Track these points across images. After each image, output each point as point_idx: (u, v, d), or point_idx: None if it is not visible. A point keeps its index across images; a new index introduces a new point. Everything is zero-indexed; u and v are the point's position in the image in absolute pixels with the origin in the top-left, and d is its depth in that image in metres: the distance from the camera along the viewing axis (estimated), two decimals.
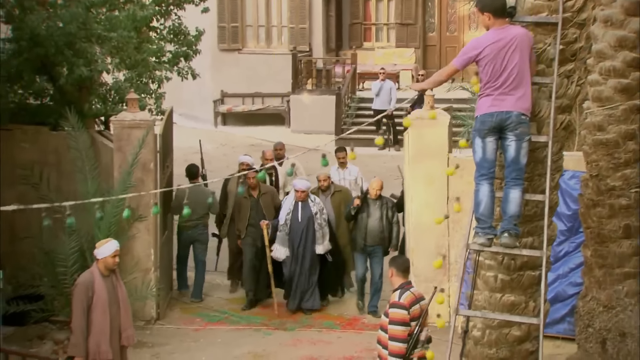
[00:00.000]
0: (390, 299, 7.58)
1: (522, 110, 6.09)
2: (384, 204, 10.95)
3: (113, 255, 7.94)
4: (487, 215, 6.11)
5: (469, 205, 10.58)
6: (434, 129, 10.75)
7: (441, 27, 25.41)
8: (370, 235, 10.89)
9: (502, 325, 6.53)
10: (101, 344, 7.76)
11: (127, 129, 10.82)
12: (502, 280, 6.45)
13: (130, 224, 10.62)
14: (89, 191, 10.44)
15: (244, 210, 11.42)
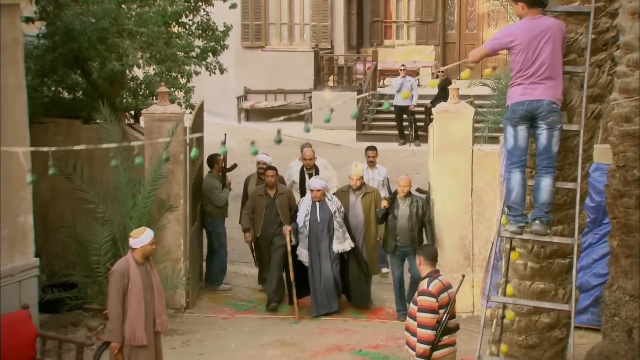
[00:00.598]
0: (419, 286, 7.54)
1: (553, 99, 6.00)
2: (413, 202, 10.36)
3: (151, 243, 7.96)
4: (518, 203, 6.03)
5: (491, 198, 10.68)
6: (458, 121, 10.68)
7: (460, 25, 25.24)
8: (401, 235, 10.31)
9: (532, 313, 6.45)
10: (136, 329, 7.75)
11: (157, 122, 10.81)
12: (532, 268, 6.37)
13: (161, 214, 10.61)
14: (121, 182, 10.44)
15: (259, 209, 11.00)
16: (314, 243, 10.51)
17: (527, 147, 6.10)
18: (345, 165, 19.47)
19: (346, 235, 10.56)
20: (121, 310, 7.71)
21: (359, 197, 10.83)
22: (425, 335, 7.30)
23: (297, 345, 10.01)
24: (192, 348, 10.00)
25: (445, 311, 7.40)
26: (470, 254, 10.81)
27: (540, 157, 6.00)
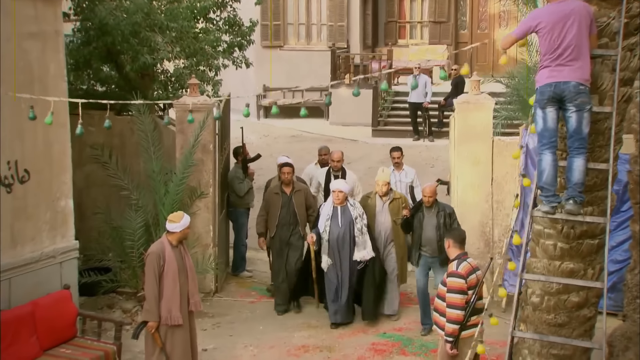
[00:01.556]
0: (448, 268, 7.51)
1: (580, 80, 5.92)
2: (440, 211, 9.42)
3: (188, 227, 7.99)
4: (550, 183, 5.97)
5: (511, 186, 10.61)
6: (479, 112, 10.63)
7: (472, 25, 25.16)
8: (427, 246, 9.42)
9: (561, 292, 6.38)
10: (172, 309, 7.77)
11: (188, 112, 10.74)
12: (562, 249, 6.30)
13: (192, 201, 10.60)
14: (154, 170, 10.44)
15: (275, 207, 10.26)
16: (334, 249, 9.70)
17: (557, 128, 6.02)
18: (362, 160, 19.56)
19: (367, 244, 9.70)
20: (157, 291, 7.73)
21: (386, 204, 9.93)
22: (455, 315, 7.30)
23: (323, 328, 10.00)
24: (222, 330, 10.00)
25: (473, 292, 7.39)
26: (490, 240, 10.76)
27: (572, 139, 5.93)
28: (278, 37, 24.72)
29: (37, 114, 7.79)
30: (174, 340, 7.83)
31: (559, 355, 6.52)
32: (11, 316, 7.85)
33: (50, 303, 8.19)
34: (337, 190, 9.67)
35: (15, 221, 8.22)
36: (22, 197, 8.29)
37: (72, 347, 8.19)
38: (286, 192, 10.28)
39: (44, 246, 8.55)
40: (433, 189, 9.45)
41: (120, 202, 11.08)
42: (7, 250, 8.13)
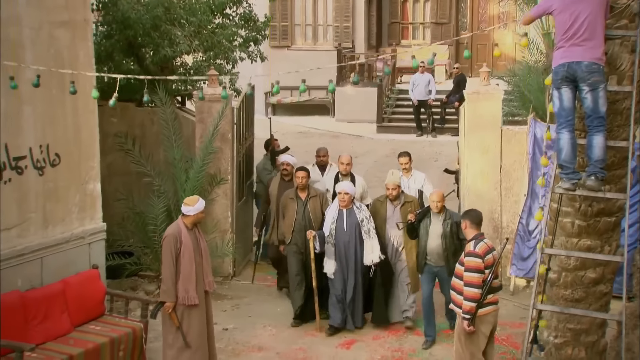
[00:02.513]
0: (465, 248, 7.47)
1: (592, 59, 5.87)
2: (447, 218, 8.63)
3: (202, 211, 7.94)
4: (569, 161, 5.93)
5: (519, 174, 10.59)
6: (488, 102, 10.61)
7: (473, 26, 25.16)
8: (431, 255, 8.68)
9: (578, 268, 6.36)
10: (189, 289, 7.76)
11: (207, 103, 10.79)
12: (579, 226, 6.29)
13: (212, 188, 10.58)
14: (175, 157, 10.42)
15: (290, 213, 9.43)
16: (340, 253, 9.02)
17: (573, 107, 5.98)
18: (368, 154, 19.55)
19: (375, 247, 8.98)
20: (174, 272, 7.71)
21: (397, 208, 9.18)
22: (472, 293, 7.26)
23: None
24: (241, 311, 9.99)
25: (490, 271, 7.35)
26: (499, 226, 10.74)
27: (590, 118, 5.89)
28: (286, 38, 24.75)
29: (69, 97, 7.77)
30: (191, 319, 7.82)
31: (575, 330, 6.50)
32: (43, 293, 7.85)
33: (80, 281, 8.18)
34: (343, 191, 9.03)
35: (46, 203, 8.22)
36: (53, 180, 8.28)
37: (100, 324, 8.18)
38: (301, 198, 9.47)
39: (73, 227, 8.54)
40: (441, 194, 8.77)
41: (140, 190, 11.08)
42: (39, 231, 8.13)
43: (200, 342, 7.87)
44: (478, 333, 7.41)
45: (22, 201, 7.91)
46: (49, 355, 7.36)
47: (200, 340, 7.87)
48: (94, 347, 7.66)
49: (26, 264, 7.93)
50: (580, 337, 6.51)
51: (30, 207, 8.02)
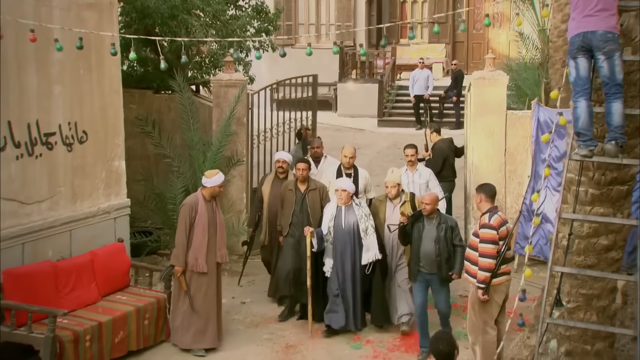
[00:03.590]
0: (480, 221, 7.44)
1: (606, 28, 5.79)
2: (441, 222, 7.77)
3: (220, 185, 7.97)
4: (586, 128, 5.88)
5: (523, 157, 10.56)
6: (493, 87, 10.60)
7: (469, 26, 25.05)
8: (424, 261, 7.76)
9: (591, 235, 6.33)
10: (199, 258, 7.81)
11: (224, 88, 10.78)
12: (592, 195, 6.25)
13: (229, 169, 10.54)
14: (192, 139, 10.38)
15: (288, 204, 8.73)
16: (338, 252, 8.30)
17: (589, 77, 5.92)
18: (370, 146, 19.52)
19: (373, 245, 8.23)
20: (185, 240, 7.77)
21: (397, 207, 8.36)
22: (487, 263, 7.23)
23: None
24: (257, 286, 9.95)
25: (504, 243, 7.32)
26: (503, 207, 10.68)
27: (607, 86, 5.82)
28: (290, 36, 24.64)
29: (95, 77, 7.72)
30: (199, 286, 7.88)
31: (587, 295, 6.48)
32: (73, 264, 7.83)
33: (106, 253, 8.15)
34: (341, 189, 8.28)
35: (75, 178, 8.18)
36: (81, 156, 8.25)
37: (126, 295, 8.16)
38: (300, 190, 8.74)
39: (100, 202, 8.52)
40: (433, 197, 7.86)
41: (158, 173, 11.06)
42: (68, 205, 8.10)
43: (208, 310, 7.91)
44: (491, 302, 7.39)
45: (52, 175, 7.88)
46: (79, 322, 7.34)
47: (207, 308, 7.90)
48: (121, 315, 7.64)
49: (56, 235, 7.91)
50: (592, 302, 6.48)
51: (59, 181, 7.98)
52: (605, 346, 6.56)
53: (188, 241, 7.76)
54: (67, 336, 7.04)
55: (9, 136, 7.33)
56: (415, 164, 9.55)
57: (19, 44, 7.37)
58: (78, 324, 7.29)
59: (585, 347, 6.51)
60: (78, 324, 7.29)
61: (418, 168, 9.53)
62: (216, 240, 7.92)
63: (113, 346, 7.51)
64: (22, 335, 7.02)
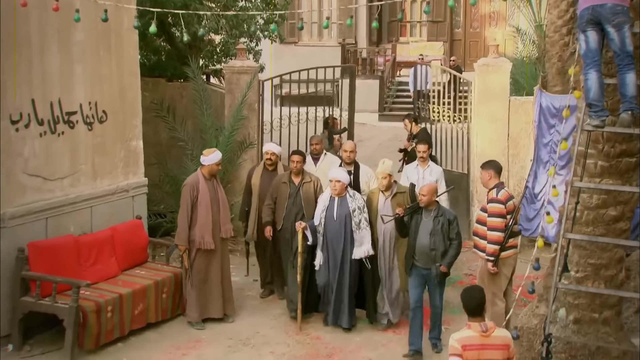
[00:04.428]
0: (488, 196, 7.45)
1: (615, 1, 5.70)
2: (439, 215, 7.20)
3: (217, 163, 7.94)
4: (597, 99, 5.86)
5: (525, 141, 10.56)
6: (497, 74, 10.61)
7: (466, 24, 25.15)
8: (419, 255, 7.22)
9: (599, 207, 6.32)
10: (205, 235, 7.79)
11: (236, 74, 10.77)
12: (602, 167, 6.24)
13: (240, 153, 10.53)
14: (205, 124, 10.35)
15: (282, 197, 8.20)
16: (329, 245, 7.73)
17: (599, 49, 5.87)
18: (372, 139, 19.51)
19: (366, 240, 7.67)
20: (187, 219, 7.74)
21: (388, 199, 7.75)
22: (495, 237, 7.25)
23: None
24: None
25: (511, 217, 7.33)
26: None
27: (619, 58, 5.77)
28: (293, 34, 24.63)
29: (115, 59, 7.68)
30: (207, 262, 7.87)
31: (595, 265, 6.46)
32: (94, 238, 7.83)
33: (126, 229, 8.14)
34: (335, 179, 7.70)
35: (95, 156, 8.16)
36: (101, 135, 8.23)
37: (145, 269, 8.16)
38: (294, 182, 8.22)
39: (118, 181, 8.50)
40: (432, 188, 7.26)
41: (171, 159, 11.01)
42: (89, 182, 8.09)
43: (214, 284, 7.90)
44: (500, 274, 7.40)
45: (73, 153, 7.86)
46: (100, 294, 7.33)
47: (214, 282, 7.89)
48: (141, 288, 7.63)
49: (78, 211, 7.90)
50: (600, 272, 6.45)
51: (80, 159, 7.96)
52: (612, 314, 6.54)
53: (191, 220, 7.73)
54: (89, 306, 7.03)
55: (33, 114, 7.31)
56: (427, 160, 8.90)
57: (42, 24, 7.36)
58: (100, 295, 7.28)
59: (593, 315, 6.49)
60: (100, 295, 7.28)
61: (430, 165, 8.88)
62: (220, 217, 7.89)
63: (133, 317, 7.50)
64: (46, 305, 7.04)
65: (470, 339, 4.93)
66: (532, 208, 10.68)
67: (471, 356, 4.87)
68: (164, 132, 10.99)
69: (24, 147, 7.24)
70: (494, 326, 5.03)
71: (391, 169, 7.80)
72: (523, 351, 6.58)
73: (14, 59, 7.04)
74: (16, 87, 7.08)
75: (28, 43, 7.20)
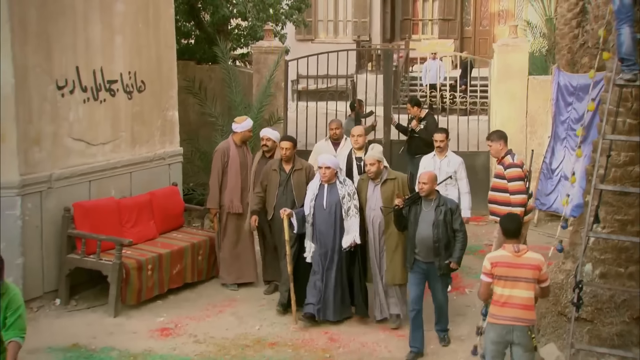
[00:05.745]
0: (504, 162, 7.20)
1: None
2: (440, 205, 6.35)
3: (249, 130, 7.93)
4: (630, 53, 5.80)
5: (543, 119, 10.50)
6: (516, 54, 10.57)
7: (475, 22, 25.07)
8: (420, 247, 6.33)
9: (627, 164, 6.26)
10: (234, 199, 7.79)
11: (264, 54, 10.79)
12: (630, 124, 6.18)
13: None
14: (235, 101, 10.35)
15: (273, 186, 7.41)
16: (318, 234, 6.90)
17: (632, 4, 5.82)
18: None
19: (353, 228, 6.82)
20: (218, 183, 7.74)
21: (377, 186, 6.86)
22: (520, 199, 7.13)
23: None
24: None
25: (526, 180, 7.22)
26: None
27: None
28: (310, 32, 24.64)
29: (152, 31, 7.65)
30: (235, 226, 7.85)
31: (621, 221, 6.39)
32: (134, 201, 7.84)
33: (163, 194, 8.15)
34: (324, 166, 6.87)
35: (134, 124, 8.17)
36: (140, 104, 8.23)
37: (181, 233, 8.16)
38: (285, 170, 7.43)
39: (156, 149, 8.52)
40: (432, 175, 6.44)
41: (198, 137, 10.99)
42: (128, 149, 8.10)
43: (245, 246, 7.89)
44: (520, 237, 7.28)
45: (114, 120, 7.86)
46: (141, 253, 7.34)
47: (245, 245, 7.89)
48: (178, 249, 7.63)
49: (118, 176, 7.92)
50: (626, 228, 6.38)
51: (121, 126, 7.97)
52: (637, 269, 6.45)
53: (222, 185, 7.72)
54: (131, 264, 7.04)
55: (77, 80, 7.32)
56: (445, 150, 7.97)
57: None
58: (140, 254, 7.29)
59: (619, 270, 6.42)
60: (140, 254, 7.29)
61: (448, 155, 7.96)
62: (248, 182, 7.85)
63: (171, 277, 7.50)
64: (92, 262, 7.05)
65: (502, 257, 5.09)
66: (549, 183, 10.66)
67: (500, 272, 5.03)
68: (193, 113, 10.99)
69: (69, 112, 7.25)
70: (526, 248, 5.15)
71: (380, 155, 6.90)
72: (549, 305, 6.51)
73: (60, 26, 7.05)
74: (61, 53, 7.09)
75: (73, 11, 7.21)
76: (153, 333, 6.70)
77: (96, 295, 7.37)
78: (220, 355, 6.30)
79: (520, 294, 5.03)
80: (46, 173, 7.00)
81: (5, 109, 6.61)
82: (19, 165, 6.70)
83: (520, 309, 5.03)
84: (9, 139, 6.65)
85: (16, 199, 6.71)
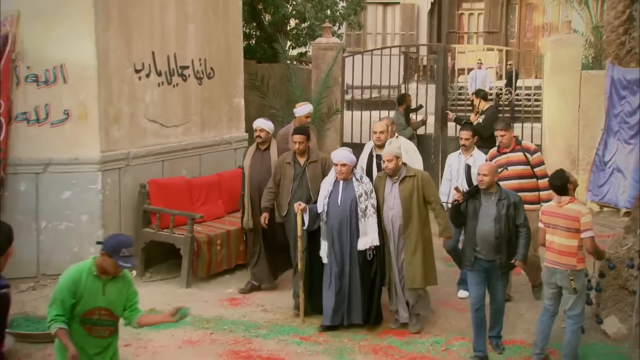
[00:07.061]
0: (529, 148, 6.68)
1: None
2: (502, 199, 5.63)
3: (306, 115, 7.32)
4: None
5: (595, 112, 10.27)
6: (569, 49, 10.38)
7: (520, 35, 24.84)
8: (481, 244, 5.63)
9: None
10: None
11: (322, 50, 10.85)
12: None
13: (327, 119, 10.57)
14: (294, 93, 10.42)
15: (287, 180, 6.65)
16: (332, 233, 6.15)
17: None
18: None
19: (370, 229, 6.08)
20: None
21: (396, 184, 6.15)
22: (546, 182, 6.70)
23: None
24: None
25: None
26: (576, 159, 10.47)
27: None
28: (359, 44, 24.70)
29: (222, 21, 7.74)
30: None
31: None
32: (204, 181, 7.91)
33: (230, 176, 8.19)
34: (340, 163, 6.13)
35: (203, 109, 8.26)
36: (209, 90, 8.32)
37: None
38: (299, 163, 6.66)
39: (223, 133, 8.60)
40: (492, 167, 5.75)
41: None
42: (198, 132, 8.19)
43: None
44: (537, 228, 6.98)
45: (185, 104, 7.97)
46: (211, 229, 7.38)
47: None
48: None
49: (188, 157, 8.01)
50: None
51: (191, 110, 8.07)
52: None
53: None
54: (202, 238, 7.09)
55: (153, 65, 7.45)
56: (471, 148, 7.09)
57: None
58: (210, 230, 7.34)
59: None
60: (210, 230, 7.34)
61: (473, 154, 7.06)
62: None
63: (238, 253, 7.52)
64: (165, 236, 7.13)
65: (549, 206, 5.52)
66: (602, 175, 10.42)
67: (546, 219, 5.47)
68: (253, 108, 11.03)
69: (145, 94, 7.37)
70: (568, 200, 5.33)
71: (398, 151, 6.20)
72: (610, 279, 6.33)
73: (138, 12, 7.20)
74: (139, 38, 7.23)
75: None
76: (223, 302, 6.72)
77: (168, 269, 7.44)
78: (287, 323, 6.28)
79: (559, 241, 5.30)
80: (124, 151, 7.13)
81: (88, 89, 6.76)
82: (100, 143, 6.84)
83: (558, 254, 5.31)
84: (92, 118, 6.80)
85: (97, 174, 6.85)
